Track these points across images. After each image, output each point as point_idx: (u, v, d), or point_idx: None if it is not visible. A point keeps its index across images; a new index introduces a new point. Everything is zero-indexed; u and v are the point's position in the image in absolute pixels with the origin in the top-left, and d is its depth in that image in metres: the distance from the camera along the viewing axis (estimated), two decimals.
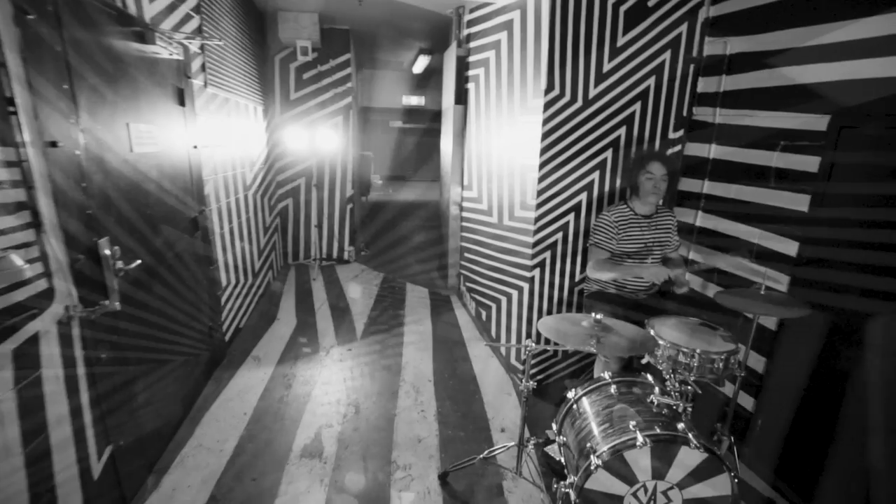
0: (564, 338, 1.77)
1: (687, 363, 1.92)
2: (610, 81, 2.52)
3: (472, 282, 4.01)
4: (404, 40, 6.10)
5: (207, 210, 2.85)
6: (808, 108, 2.04)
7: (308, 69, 4.91)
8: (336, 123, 5.15)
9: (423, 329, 3.84)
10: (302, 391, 2.84)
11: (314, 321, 3.90)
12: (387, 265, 5.69)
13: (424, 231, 7.99)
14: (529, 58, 2.63)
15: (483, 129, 3.56)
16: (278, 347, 3.39)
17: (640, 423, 1.68)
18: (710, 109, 2.55)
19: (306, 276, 5.08)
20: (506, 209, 3.10)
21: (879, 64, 1.76)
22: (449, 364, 3.26)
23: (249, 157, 3.88)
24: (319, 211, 5.36)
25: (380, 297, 4.59)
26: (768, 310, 1.90)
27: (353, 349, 3.43)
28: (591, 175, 2.67)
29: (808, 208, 2.06)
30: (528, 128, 2.67)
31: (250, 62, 3.95)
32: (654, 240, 2.41)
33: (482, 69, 3.55)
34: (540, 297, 2.83)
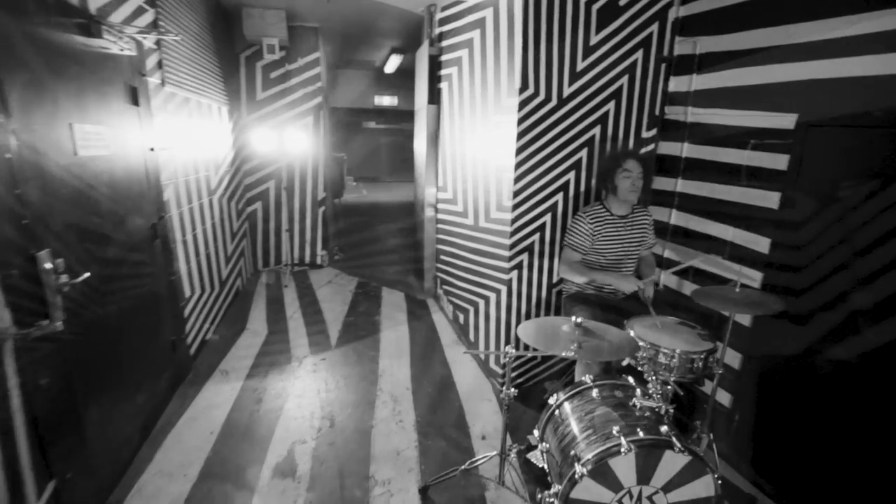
0: (545, 343, 1.73)
1: (667, 364, 1.91)
2: (584, 80, 2.50)
3: (449, 285, 3.95)
4: (375, 39, 5.99)
5: (167, 216, 2.69)
6: (776, 106, 2.06)
7: (275, 68, 4.74)
8: (306, 124, 5.00)
9: (400, 335, 3.75)
10: (273, 405, 2.70)
11: (286, 330, 3.75)
12: (361, 269, 5.56)
13: (400, 233, 7.89)
14: (503, 56, 2.59)
15: (457, 129, 3.50)
16: (248, 359, 3.24)
17: (624, 427, 1.65)
18: (682, 108, 2.56)
19: (277, 282, 4.90)
20: (481, 211, 3.05)
21: (846, 64, 1.79)
22: (427, 370, 3.18)
23: (214, 159, 3.70)
24: (290, 215, 5.19)
25: (354, 302, 4.47)
26: (744, 308, 1.90)
27: (328, 358, 3.31)
28: (567, 175, 2.64)
29: (778, 205, 2.08)
30: (502, 127, 2.62)
31: (213, 60, 3.77)
32: (631, 239, 2.40)
33: (455, 68, 3.49)
34: (518, 300, 2.79)
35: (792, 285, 2.04)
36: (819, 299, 1.94)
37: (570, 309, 2.44)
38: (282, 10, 4.21)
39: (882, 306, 1.72)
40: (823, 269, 1.92)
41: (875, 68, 1.70)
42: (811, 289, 1.97)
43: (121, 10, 2.16)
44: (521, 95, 2.42)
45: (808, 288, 1.98)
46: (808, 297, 1.98)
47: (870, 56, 1.71)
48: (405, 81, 5.88)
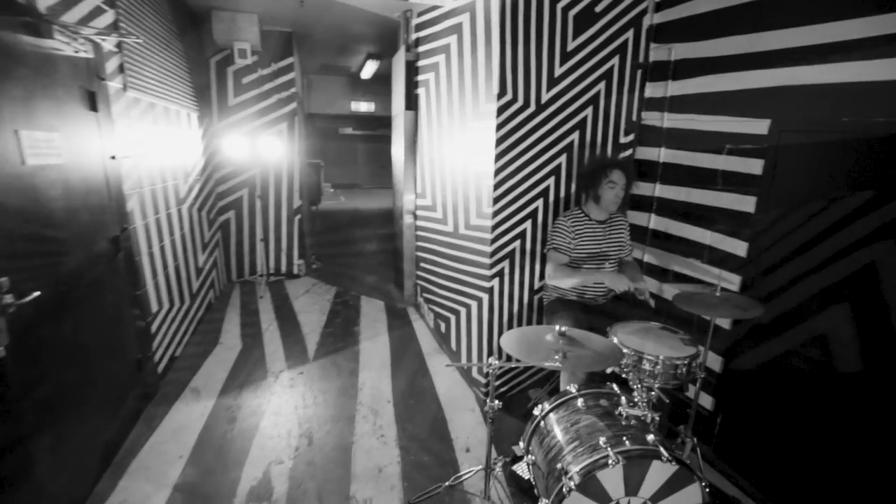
0: (529, 354, 1.68)
1: (651, 370, 1.90)
2: (562, 86, 2.49)
3: (430, 293, 3.89)
4: (351, 44, 5.92)
5: (131, 228, 2.55)
6: (749, 112, 2.09)
7: (248, 73, 4.62)
8: (280, 130, 4.88)
9: (380, 345, 3.66)
10: (248, 424, 2.58)
11: (262, 343, 3.62)
12: (340, 278, 5.44)
13: (379, 240, 7.78)
14: (480, 62, 2.56)
15: (435, 135, 3.46)
16: (221, 375, 3.09)
17: (610, 438, 1.62)
18: (659, 114, 2.58)
19: (252, 294, 4.74)
20: (461, 217, 3.00)
21: (816, 72, 1.82)
22: (408, 381, 3.10)
23: (183, 167, 3.56)
24: (265, 223, 5.04)
25: (333, 312, 4.36)
26: (725, 312, 1.91)
27: (305, 372, 3.19)
28: (547, 181, 2.63)
29: (754, 209, 2.11)
30: (481, 133, 2.59)
31: (182, 65, 3.63)
32: (609, 243, 2.39)
33: (432, 74, 3.45)
34: (500, 307, 2.75)
35: (769, 288, 2.06)
36: (793, 300, 1.96)
37: (551, 316, 2.41)
38: (254, 13, 4.10)
39: (857, 306, 1.74)
40: (797, 271, 1.94)
41: (844, 76, 1.73)
42: (786, 290, 1.99)
43: (75, 9, 2.03)
44: (499, 101, 2.39)
45: (783, 289, 2.00)
46: (784, 299, 2.00)
47: (839, 64, 1.74)
48: (382, 87, 5.82)
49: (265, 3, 3.91)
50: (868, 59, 1.66)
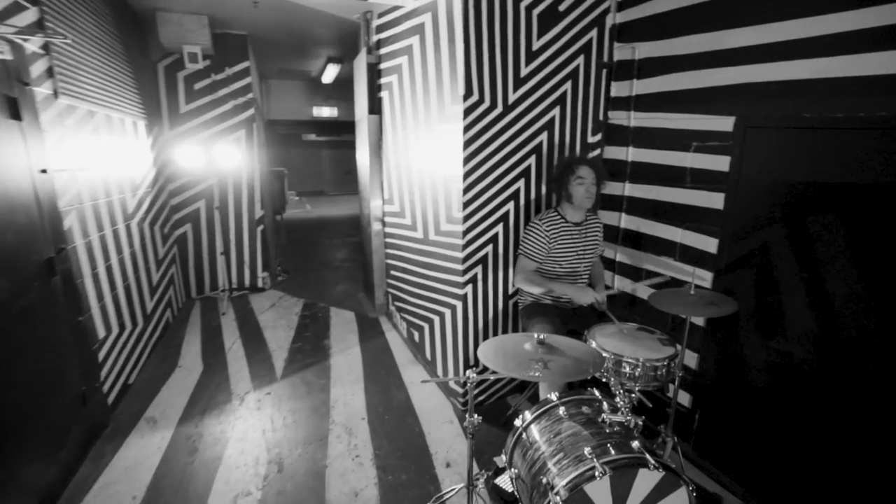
0: (508, 365, 1.60)
1: (631, 373, 1.86)
2: (528, 86, 2.44)
3: (402, 301, 3.77)
4: (310, 48, 5.74)
5: (70, 248, 2.32)
6: (714, 109, 2.11)
7: (200, 78, 4.37)
8: (238, 138, 4.65)
9: (352, 358, 3.51)
10: (211, 454, 2.39)
11: (225, 364, 3.40)
12: (308, 289, 5.25)
13: (347, 248, 7.59)
14: (444, 63, 2.48)
15: (401, 139, 3.36)
16: (180, 402, 2.87)
17: (595, 447, 1.56)
18: (625, 113, 2.58)
19: (214, 311, 4.49)
20: (431, 223, 2.91)
21: (779, 67, 1.84)
22: (383, 395, 2.98)
23: (130, 180, 3.30)
24: (225, 236, 4.79)
25: (301, 326, 4.17)
26: (700, 310, 1.90)
27: (273, 392, 3.02)
28: (517, 183, 2.58)
29: (723, 206, 2.12)
30: (449, 136, 2.51)
31: (125, 69, 3.38)
32: (586, 246, 2.36)
33: (395, 76, 3.35)
34: (475, 314, 2.67)
35: (741, 283, 2.07)
36: (766, 296, 1.98)
37: (527, 321, 2.36)
38: (203, 15, 3.88)
39: (830, 301, 1.77)
40: (769, 267, 1.96)
41: (805, 73, 1.76)
42: (757, 285, 2.01)
43: None
44: (465, 102, 2.32)
45: (754, 285, 2.02)
46: (756, 294, 2.01)
47: (800, 61, 1.77)
48: (345, 92, 5.67)
49: (215, 4, 3.71)
50: (827, 56, 1.68)
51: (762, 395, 2.05)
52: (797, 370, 1.90)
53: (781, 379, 1.97)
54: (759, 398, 2.07)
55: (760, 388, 2.06)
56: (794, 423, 1.93)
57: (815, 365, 1.83)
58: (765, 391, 2.04)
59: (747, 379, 2.11)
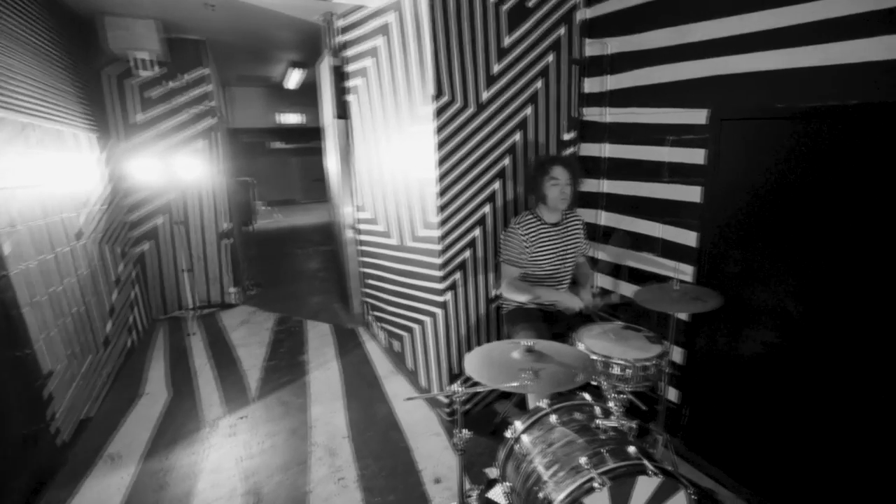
0: (496, 376, 1.52)
1: (622, 375, 1.81)
2: (500, 84, 2.38)
3: (379, 311, 3.65)
4: (271, 52, 5.54)
5: (8, 275, 2.10)
6: (687, 102, 2.09)
7: (154, 86, 4.13)
8: (199, 148, 4.42)
9: (331, 373, 3.37)
10: (181, 489, 2.21)
11: (194, 388, 3.20)
12: (281, 303, 5.04)
13: (321, 258, 7.39)
14: (413, 63, 2.39)
15: (371, 143, 3.25)
16: (145, 434, 2.67)
17: (591, 456, 1.49)
18: (599, 109, 2.55)
19: (181, 331, 4.24)
20: (406, 229, 2.81)
21: (749, 59, 1.83)
22: (365, 411, 2.85)
23: (77, 197, 3.06)
24: (189, 251, 4.54)
25: (275, 342, 3.99)
26: (685, 307, 1.87)
27: (248, 415, 2.84)
28: (494, 184, 2.51)
29: (700, 199, 2.10)
30: (420, 138, 2.42)
31: (67, 78, 3.14)
32: (566, 246, 2.31)
33: (362, 79, 3.24)
34: (457, 321, 2.58)
35: (722, 276, 2.06)
36: (748, 287, 1.97)
37: (511, 327, 2.29)
38: (153, 19, 3.66)
39: (812, 291, 1.76)
40: (750, 259, 1.95)
41: (776, 63, 1.75)
42: (739, 277, 2.00)
43: None
44: (436, 102, 2.23)
45: (735, 277, 2.01)
46: (738, 286, 2.00)
47: (770, 52, 1.76)
48: (310, 97, 5.50)
49: (167, 7, 3.50)
50: (797, 46, 1.68)
51: (749, 387, 2.04)
52: (782, 360, 1.90)
53: (767, 370, 1.96)
54: (746, 390, 2.06)
55: (747, 379, 2.05)
56: (781, 413, 1.93)
57: (799, 354, 1.83)
58: (751, 382, 2.03)
59: (734, 371, 2.10)
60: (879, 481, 1.65)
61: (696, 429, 2.31)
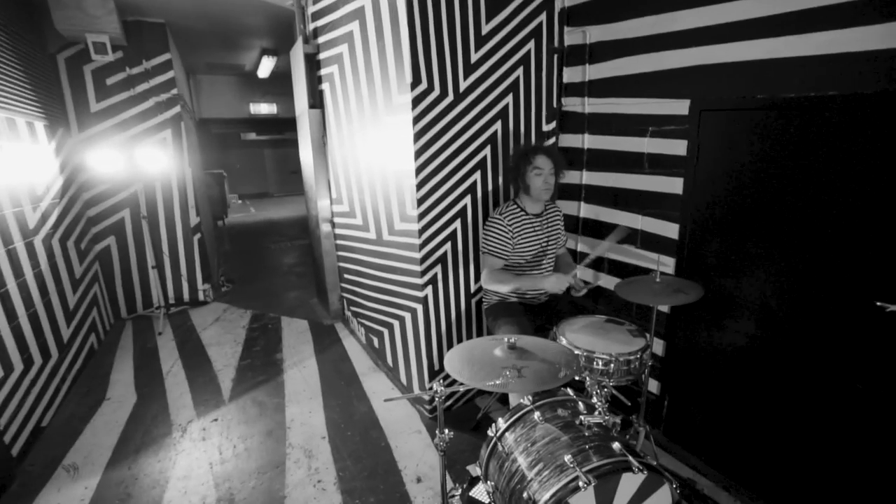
0: (478, 374, 1.47)
1: (604, 369, 1.79)
2: (480, 72, 2.31)
3: (358, 306, 3.56)
4: (241, 39, 5.31)
5: None
6: (668, 92, 2.07)
7: (113, 72, 3.89)
8: (164, 138, 4.20)
9: (308, 371, 3.27)
10: (147, 499, 2.10)
11: (163, 391, 3.05)
12: (256, 299, 4.89)
13: (297, 252, 7.21)
14: (389, 49, 2.29)
15: (346, 133, 3.14)
16: (108, 441, 2.53)
17: (576, 454, 1.46)
18: (579, 99, 2.51)
19: (149, 331, 4.06)
20: (384, 223, 2.73)
21: (731, 48, 1.81)
22: (344, 409, 2.78)
23: (28, 191, 2.85)
24: (156, 247, 4.33)
25: (249, 340, 3.85)
26: (666, 299, 1.85)
27: (221, 418, 2.73)
28: (473, 175, 2.44)
29: (682, 190, 2.09)
30: (397, 128, 2.33)
31: (16, 62, 2.91)
32: (547, 238, 2.27)
33: (336, 67, 3.11)
34: (437, 316, 2.52)
35: (703, 267, 2.06)
36: (729, 279, 1.97)
37: (493, 322, 2.24)
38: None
39: (792, 283, 1.77)
40: (730, 250, 1.95)
41: (757, 53, 1.73)
42: (719, 269, 2.00)
43: None
44: (413, 91, 2.15)
45: (716, 268, 2.01)
46: (718, 277, 2.01)
47: (751, 41, 1.74)
48: (284, 86, 5.30)
49: None
50: (779, 36, 1.66)
51: (728, 377, 2.06)
52: (760, 351, 1.91)
53: (746, 360, 1.97)
54: (725, 380, 2.07)
55: (726, 370, 2.06)
56: (759, 402, 1.95)
57: (778, 344, 1.84)
58: (730, 373, 2.05)
59: (713, 362, 2.11)
60: (856, 467, 1.68)
61: (676, 419, 2.32)
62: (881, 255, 1.50)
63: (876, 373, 1.58)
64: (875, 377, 1.58)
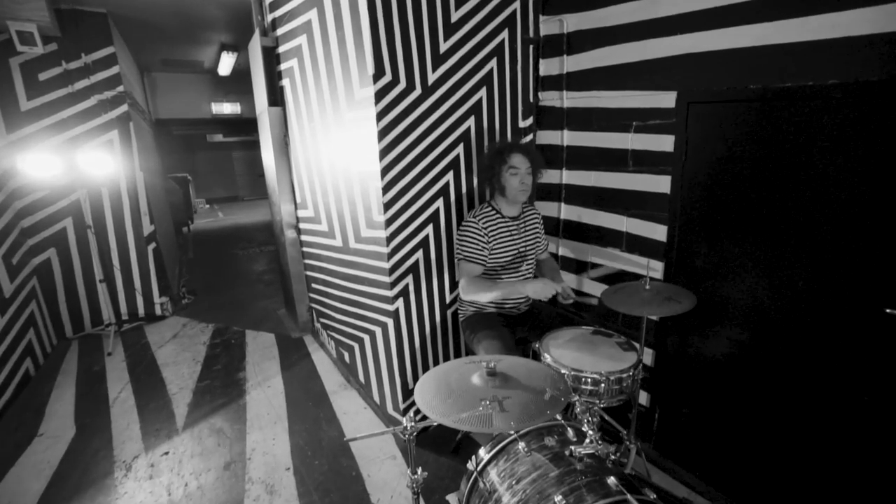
0: (454, 409, 1.27)
1: (594, 389, 1.62)
2: (450, 64, 2.11)
3: (327, 318, 3.32)
4: (197, 33, 4.96)
5: None
6: (654, 84, 1.91)
7: (46, 67, 3.52)
8: (110, 140, 3.85)
9: (273, 392, 3.01)
10: None
11: (107, 421, 2.74)
12: (220, 311, 4.57)
13: (266, 258, 6.87)
14: (349, 38, 2.07)
15: (308, 132, 2.89)
16: (36, 485, 2.22)
17: (567, 493, 1.28)
18: (557, 93, 2.34)
19: (98, 351, 3.70)
20: (350, 229, 2.50)
21: (719, 36, 1.67)
22: (312, 434, 2.54)
23: None
24: (104, 259, 3.97)
25: (210, 358, 3.55)
26: (660, 309, 1.70)
27: (172, 450, 2.45)
28: (445, 176, 2.24)
29: (669, 189, 1.94)
30: (360, 125, 2.11)
31: None
32: (526, 242, 2.09)
33: (295, 60, 2.86)
34: (410, 330, 2.31)
35: (693, 272, 1.91)
36: (721, 284, 1.84)
37: (471, 336, 2.04)
38: None
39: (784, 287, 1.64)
40: (724, 254, 1.81)
41: (747, 40, 1.59)
42: (711, 274, 1.86)
43: None
44: (377, 84, 1.93)
45: (707, 273, 1.87)
46: (710, 283, 1.87)
47: (741, 27, 1.60)
48: (247, 85, 4.98)
49: None
50: (770, 21, 1.52)
51: (724, 389, 1.92)
52: (758, 361, 1.78)
53: (740, 370, 1.84)
54: (720, 392, 1.94)
55: (722, 381, 1.93)
56: (758, 415, 1.81)
57: (775, 353, 1.71)
58: (726, 384, 1.91)
59: (707, 372, 1.97)
60: (862, 482, 1.56)
61: (668, 433, 2.18)
62: (893, 259, 1.38)
63: (884, 384, 1.45)
64: (883, 389, 1.46)
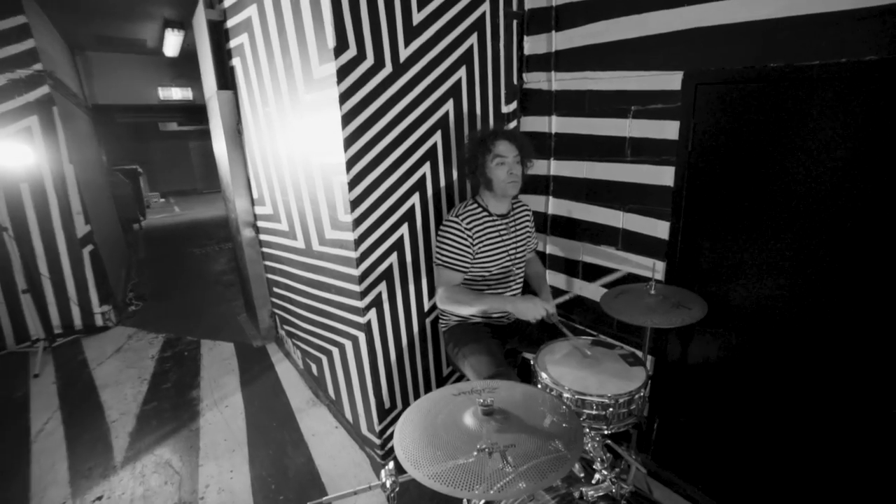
0: (443, 458, 1.02)
1: (602, 414, 1.41)
2: (425, 38, 1.82)
3: (292, 325, 3.00)
4: (133, 5, 4.41)
5: None
6: (656, 64, 1.70)
7: None
8: (27, 127, 3.34)
9: (231, 412, 2.68)
10: None
11: (26, 460, 2.34)
12: (172, 318, 4.15)
13: (225, 257, 6.38)
14: (305, 5, 1.75)
15: (262, 119, 2.54)
16: None
17: None
18: (544, 74, 2.10)
19: (22, 373, 3.24)
20: (312, 230, 2.19)
21: (736, 5, 1.46)
22: (277, 462, 2.24)
23: None
24: (28, 266, 3.47)
25: (159, 374, 3.17)
26: (668, 319, 1.50)
27: (107, 495, 2.10)
28: (422, 167, 1.97)
29: (672, 181, 1.75)
30: (321, 109, 1.80)
31: None
32: (516, 243, 1.85)
33: (245, 36, 2.50)
34: (384, 344, 2.05)
35: (699, 273, 1.73)
36: (731, 286, 1.66)
37: (455, 350, 1.80)
38: None
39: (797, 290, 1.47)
40: (732, 253, 1.63)
41: (769, 11, 1.39)
42: (720, 275, 1.68)
43: None
44: (339, 59, 1.63)
45: (716, 274, 1.69)
46: (718, 285, 1.69)
47: None
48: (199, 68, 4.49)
49: None
50: None
51: (725, 398, 1.77)
52: (771, 369, 1.62)
53: (747, 379, 1.69)
54: (722, 401, 1.78)
55: (724, 389, 1.77)
56: (762, 425, 1.67)
57: (793, 361, 1.56)
58: (728, 393, 1.75)
59: (712, 380, 1.81)
60: (869, 492, 1.43)
61: (668, 444, 2.02)
62: None
63: None
64: None
